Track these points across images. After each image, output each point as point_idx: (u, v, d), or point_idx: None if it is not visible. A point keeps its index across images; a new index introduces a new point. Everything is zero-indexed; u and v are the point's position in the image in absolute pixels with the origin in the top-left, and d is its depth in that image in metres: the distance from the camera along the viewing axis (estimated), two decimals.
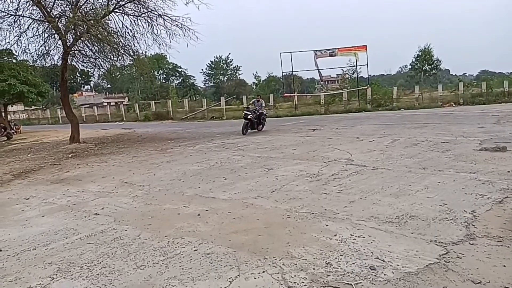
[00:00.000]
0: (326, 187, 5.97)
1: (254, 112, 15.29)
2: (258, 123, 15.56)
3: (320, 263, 3.36)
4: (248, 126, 15.07)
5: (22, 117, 49.54)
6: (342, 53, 27.99)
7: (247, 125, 15.00)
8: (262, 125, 15.88)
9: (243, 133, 14.61)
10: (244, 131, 14.76)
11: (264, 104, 16.38)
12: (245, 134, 14.57)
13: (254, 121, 15.19)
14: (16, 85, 24.03)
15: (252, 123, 15.18)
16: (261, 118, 15.75)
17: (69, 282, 3.39)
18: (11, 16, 13.97)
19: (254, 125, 15.34)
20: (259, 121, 15.49)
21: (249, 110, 15.46)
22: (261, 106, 15.79)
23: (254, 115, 15.21)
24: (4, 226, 5.24)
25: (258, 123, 15.54)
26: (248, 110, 15.44)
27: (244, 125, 14.93)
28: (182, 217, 5.02)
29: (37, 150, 15.04)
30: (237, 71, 76.69)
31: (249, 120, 15.02)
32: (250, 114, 15.07)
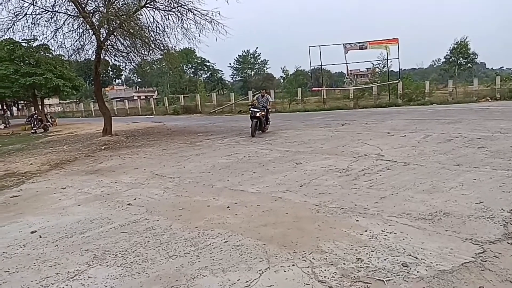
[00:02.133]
0: (356, 182, 5.90)
1: (263, 109, 13.11)
2: (264, 123, 13.47)
3: (351, 258, 3.34)
4: (257, 125, 12.89)
5: (57, 110, 51.46)
6: (373, 46, 27.36)
7: (256, 124, 12.82)
8: (268, 124, 13.80)
9: (253, 135, 12.54)
10: (254, 133, 12.66)
11: (271, 100, 14.47)
12: (254, 135, 12.54)
13: (263, 120, 13.10)
14: (52, 79, 24.99)
15: (261, 122, 13.03)
16: (268, 117, 13.75)
17: (105, 269, 3.52)
18: (48, 12, 14.45)
19: (262, 125, 13.20)
20: (266, 120, 13.50)
21: (257, 107, 13.15)
22: (266, 101, 13.65)
23: (263, 112, 13.06)
24: (43, 214, 5.48)
25: (264, 122, 13.48)
26: (256, 107, 13.10)
27: (253, 125, 12.72)
28: (212, 209, 5.09)
29: (72, 142, 15.60)
30: (264, 65, 76.57)
31: (257, 118, 12.83)
32: (259, 111, 12.83)
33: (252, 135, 12.49)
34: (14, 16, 13.90)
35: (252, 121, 12.76)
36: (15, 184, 7.73)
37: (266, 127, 13.57)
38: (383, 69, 30.72)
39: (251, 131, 12.66)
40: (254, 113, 12.86)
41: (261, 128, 13.14)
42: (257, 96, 13.90)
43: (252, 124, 12.72)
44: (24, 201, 6.33)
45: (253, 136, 12.44)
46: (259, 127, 12.97)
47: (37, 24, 14.48)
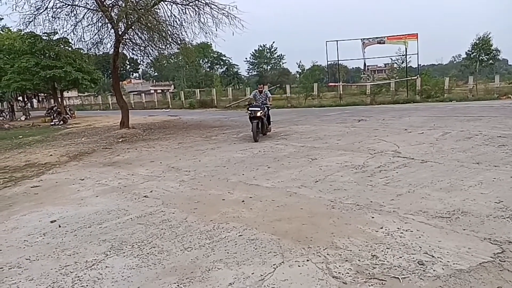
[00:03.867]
0: (372, 179, 5.85)
1: (263, 107, 11.04)
2: (266, 124, 11.42)
3: (366, 255, 3.32)
4: (259, 127, 10.85)
5: (76, 102, 52.39)
6: (391, 42, 26.93)
7: (258, 126, 10.74)
8: (270, 125, 11.86)
9: (256, 139, 10.54)
10: (257, 137, 10.64)
11: (270, 95, 12.03)
12: (258, 140, 10.56)
13: (264, 121, 11.13)
14: (71, 72, 25.42)
15: (263, 123, 11.03)
16: (268, 115, 11.65)
17: (122, 259, 3.58)
18: (68, 6, 14.70)
19: (264, 126, 11.22)
20: (268, 120, 11.50)
21: (256, 105, 11.11)
22: (266, 97, 11.58)
23: (264, 111, 10.98)
24: (62, 204, 5.61)
25: (266, 123, 11.39)
26: (254, 106, 11.02)
27: (255, 127, 10.60)
28: (227, 203, 5.12)
29: (90, 134, 15.89)
30: (280, 60, 76.25)
31: (259, 119, 10.78)
32: (259, 110, 10.74)
33: (255, 140, 10.51)
34: (35, 9, 14.21)
35: (253, 123, 10.65)
36: (35, 175, 7.92)
37: (269, 128, 11.64)
38: (402, 65, 30.21)
39: (253, 136, 10.64)
40: (254, 113, 10.74)
41: (263, 130, 11.18)
42: (254, 93, 11.83)
43: (253, 127, 10.61)
44: (44, 191, 6.48)
45: (256, 141, 10.47)
46: (261, 129, 11.04)
47: (57, 18, 14.78)
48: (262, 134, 11.15)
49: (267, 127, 11.48)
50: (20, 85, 25.94)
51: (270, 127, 11.78)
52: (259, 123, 10.75)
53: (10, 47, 27.86)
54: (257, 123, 10.66)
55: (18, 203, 5.80)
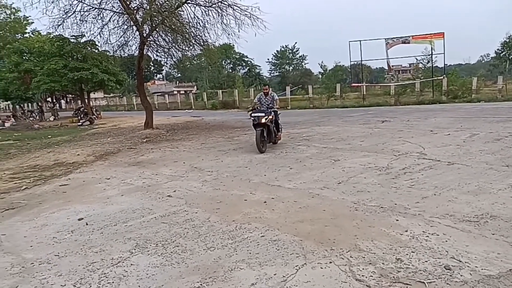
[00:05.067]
0: (396, 181, 5.75)
1: (269, 112, 9.37)
2: (274, 131, 9.73)
3: (390, 258, 3.27)
4: (265, 135, 9.28)
5: (102, 103, 53.67)
6: (416, 41, 26.35)
7: (262, 133, 9.15)
8: (280, 132, 10.23)
9: (261, 150, 9.03)
10: (262, 147, 9.12)
11: (277, 97, 10.26)
12: (264, 151, 9.11)
13: (271, 127, 9.48)
14: (98, 73, 26.11)
15: (269, 130, 9.44)
16: (277, 121, 10.04)
17: (146, 257, 3.65)
18: (95, 9, 15.09)
19: (272, 134, 9.57)
20: (276, 126, 9.91)
21: (259, 110, 9.51)
22: (272, 100, 9.92)
23: (269, 117, 9.24)
24: (89, 202, 5.76)
25: (274, 130, 9.73)
26: (258, 111, 9.42)
27: (259, 136, 9.03)
28: (249, 203, 5.14)
29: (115, 134, 16.26)
30: (303, 61, 75.83)
31: (264, 126, 9.18)
32: (264, 116, 9.11)
33: (260, 151, 8.96)
34: (64, 13, 14.64)
35: (257, 131, 9.10)
36: (63, 174, 8.16)
37: (278, 136, 10.01)
38: (427, 65, 29.54)
39: (256, 146, 9.04)
40: (258, 119, 9.11)
41: (271, 139, 9.65)
42: (259, 96, 10.21)
43: (257, 136, 9.02)
44: (72, 190, 6.68)
45: (262, 152, 8.96)
46: (268, 138, 9.51)
47: (85, 21, 15.20)
48: (271, 142, 9.78)
49: (276, 135, 9.85)
50: (49, 87, 26.82)
51: (279, 135, 10.15)
52: (264, 131, 9.21)
53: (40, 50, 28.88)
54: (261, 131, 9.12)
55: (48, 201, 5.99)
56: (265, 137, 9.28)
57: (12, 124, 26.59)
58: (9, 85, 31.29)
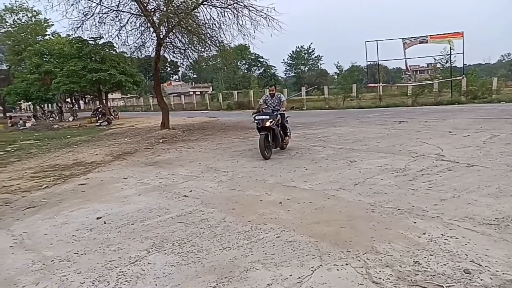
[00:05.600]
0: (413, 182, 5.67)
1: (274, 115, 8.66)
2: (281, 135, 9.00)
3: (408, 261, 3.22)
4: (269, 140, 8.48)
5: (119, 104, 54.47)
6: (435, 41, 25.92)
7: (266, 139, 8.38)
8: (288, 136, 9.42)
9: (266, 156, 8.32)
10: (266, 152, 8.35)
11: (284, 99, 9.47)
12: (268, 157, 8.39)
13: (277, 132, 8.70)
14: (115, 74, 26.55)
15: (275, 135, 8.66)
16: (285, 125, 9.24)
17: (163, 256, 3.69)
18: (113, 11, 15.36)
19: (278, 138, 8.77)
20: (283, 130, 9.12)
21: (264, 113, 8.78)
22: (279, 102, 9.13)
23: (274, 120, 8.52)
24: (107, 201, 5.86)
25: (282, 134, 9.01)
26: (262, 114, 8.69)
27: (263, 141, 8.29)
28: (264, 204, 5.14)
29: (132, 134, 16.48)
30: (318, 61, 75.43)
31: (268, 130, 8.44)
32: (268, 119, 8.39)
33: (264, 157, 8.28)
34: (83, 16, 14.97)
35: (260, 135, 8.39)
36: (82, 173, 8.32)
37: (286, 140, 9.28)
38: (446, 65, 29.02)
39: (260, 151, 8.33)
40: (262, 123, 8.39)
41: (277, 144, 8.89)
42: (265, 97, 9.48)
43: (261, 140, 8.30)
44: (90, 189, 6.80)
45: (266, 158, 8.30)
46: (274, 143, 8.73)
47: (103, 23, 15.52)
48: (278, 148, 9.07)
49: (283, 139, 9.13)
50: (69, 88, 27.40)
51: (287, 139, 9.37)
52: (269, 135, 8.44)
53: (59, 52, 29.52)
54: (265, 135, 8.35)
55: (67, 200, 6.12)
56: (269, 142, 8.49)
57: (33, 124, 27.23)
58: (30, 86, 32.10)
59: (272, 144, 8.67)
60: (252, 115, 9.07)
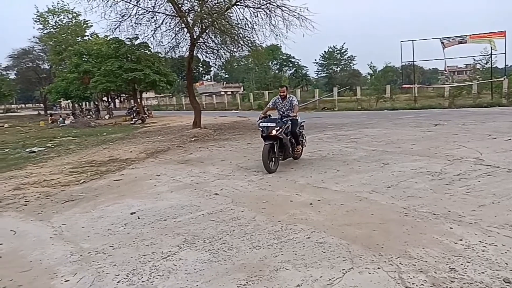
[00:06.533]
0: (450, 187, 5.48)
1: (282, 122, 7.49)
2: (293, 144, 7.85)
3: (443, 267, 3.12)
4: (275, 151, 7.32)
5: (153, 103, 55.78)
6: (474, 41, 24.91)
7: (271, 149, 7.23)
8: (301, 145, 8.20)
9: (270, 170, 7.15)
10: (271, 165, 7.24)
11: (297, 102, 8.18)
12: (273, 171, 7.22)
13: (286, 141, 7.46)
14: (150, 74, 27.22)
15: (283, 144, 7.46)
16: (297, 132, 7.98)
17: (194, 252, 3.76)
18: (149, 12, 15.75)
19: (287, 148, 7.57)
20: (295, 138, 7.88)
21: (270, 119, 7.52)
22: (290, 105, 7.97)
23: (282, 128, 7.34)
24: (141, 197, 6.02)
25: (293, 143, 7.85)
26: (268, 120, 7.48)
27: (266, 151, 7.12)
28: (295, 204, 5.13)
29: (165, 133, 16.85)
30: (351, 61, 74.27)
31: (274, 139, 7.28)
32: (275, 127, 7.21)
33: (268, 170, 7.12)
34: (120, 17, 15.43)
35: (265, 145, 7.21)
36: (117, 169, 8.58)
37: (298, 149, 8.02)
38: (486, 66, 27.85)
39: (263, 163, 7.15)
40: (267, 131, 7.25)
41: (286, 155, 7.69)
42: (275, 99, 8.31)
43: (265, 151, 7.13)
44: (125, 185, 7.01)
45: (271, 172, 7.13)
46: (280, 152, 7.53)
47: (139, 24, 15.93)
48: (286, 159, 7.81)
49: (296, 149, 7.93)
50: (105, 86, 28.33)
51: (299, 148, 8.10)
52: (274, 145, 7.28)
53: (97, 52, 30.60)
54: (270, 146, 7.20)
55: (103, 195, 6.34)
56: (275, 153, 7.33)
57: (72, 121, 28.34)
58: (69, 85, 33.44)
59: (280, 155, 7.53)
60: (257, 120, 7.77)
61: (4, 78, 52.94)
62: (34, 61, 48.69)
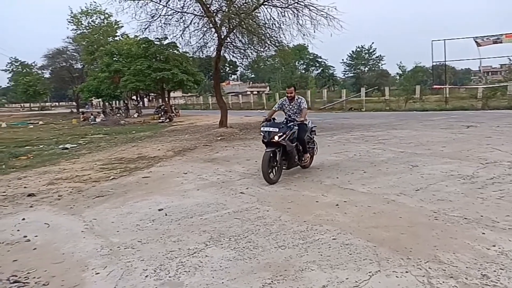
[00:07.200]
0: (482, 191, 5.29)
1: (286, 127, 6.67)
2: (301, 151, 7.01)
3: (474, 274, 3.03)
4: (277, 159, 6.47)
5: (180, 102, 56.68)
6: (510, 40, 24.01)
7: (272, 158, 6.40)
8: (311, 153, 7.51)
9: (270, 180, 6.33)
10: (270, 174, 6.38)
11: (305, 105, 7.30)
12: (274, 181, 6.40)
13: (290, 149, 6.62)
14: (178, 74, 27.66)
15: (287, 152, 6.61)
16: (306, 139, 7.12)
17: (220, 250, 3.80)
18: (178, 13, 16.02)
19: (292, 157, 6.74)
20: (302, 146, 7.01)
21: (273, 123, 6.70)
22: (298, 108, 7.21)
23: (286, 134, 6.52)
24: (168, 194, 6.13)
25: (301, 150, 7.01)
26: (270, 124, 6.66)
27: (267, 160, 6.28)
28: (320, 205, 5.09)
29: (192, 131, 17.08)
30: (379, 61, 73.01)
31: (276, 146, 6.46)
32: (277, 132, 6.42)
33: (268, 181, 6.31)
34: (150, 17, 15.76)
35: (265, 152, 6.39)
36: (146, 167, 8.77)
37: (305, 158, 7.19)
38: None
39: (263, 173, 6.32)
40: (268, 137, 6.47)
41: (291, 164, 6.86)
42: (281, 101, 7.59)
43: (265, 158, 6.30)
44: (153, 182, 7.15)
45: (272, 183, 6.33)
46: (285, 161, 6.74)
47: (168, 24, 16.27)
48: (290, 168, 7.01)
49: (302, 157, 7.10)
50: (135, 86, 29.02)
51: (307, 157, 7.27)
52: (277, 153, 6.46)
53: (128, 52, 31.38)
54: (272, 153, 6.37)
55: (132, 191, 6.49)
56: (277, 162, 6.49)
57: (102, 119, 29.20)
58: (100, 84, 34.45)
59: (284, 163, 6.76)
60: (261, 124, 7.04)
61: (40, 77, 55.21)
62: (68, 60, 50.42)
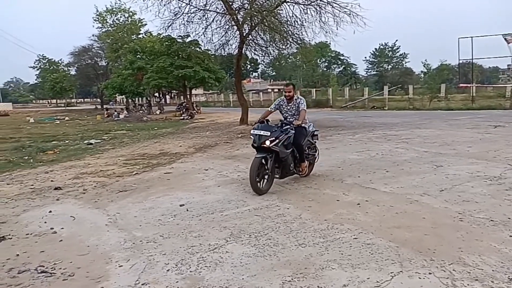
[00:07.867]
0: (510, 192, 5.13)
1: (280, 131, 5.92)
2: (297, 159, 6.25)
3: (501, 277, 2.94)
4: (268, 167, 5.78)
5: (201, 99, 57.13)
6: None
7: (261, 165, 5.72)
8: (310, 160, 6.80)
9: (258, 191, 5.62)
10: (258, 183, 5.67)
11: (304, 107, 6.64)
12: (263, 192, 5.67)
13: (284, 155, 5.84)
14: (199, 71, 27.89)
15: (280, 160, 5.86)
16: (305, 144, 6.44)
17: (240, 246, 3.82)
18: (201, 10, 16.14)
19: (286, 165, 5.98)
20: (299, 153, 6.23)
21: (265, 126, 5.98)
22: (296, 110, 6.64)
23: (279, 139, 5.76)
24: (189, 190, 6.20)
25: (297, 158, 6.24)
26: (262, 128, 5.90)
27: (255, 167, 5.60)
28: (341, 204, 5.05)
29: (213, 129, 17.20)
30: (403, 59, 71.58)
31: (267, 152, 5.75)
32: (269, 137, 5.68)
33: (256, 191, 5.61)
34: (173, 15, 15.94)
35: (255, 158, 5.74)
36: (167, 162, 8.89)
37: (303, 166, 6.39)
38: None
39: (250, 181, 5.60)
40: (259, 141, 5.75)
41: (285, 172, 6.08)
42: (279, 100, 6.97)
43: (253, 165, 5.63)
44: (174, 178, 7.25)
45: (260, 193, 5.62)
46: (278, 169, 6.00)
47: (191, 22, 16.43)
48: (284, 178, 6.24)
49: (298, 166, 6.33)
50: (157, 83, 29.43)
51: (305, 166, 6.43)
52: (269, 160, 5.77)
53: (151, 49, 31.85)
54: (261, 160, 5.70)
55: (154, 186, 6.59)
56: (268, 169, 5.78)
57: (125, 116, 29.73)
58: (124, 81, 35.10)
59: (277, 171, 6.01)
60: (253, 126, 6.35)
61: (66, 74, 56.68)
62: (93, 58, 51.62)
